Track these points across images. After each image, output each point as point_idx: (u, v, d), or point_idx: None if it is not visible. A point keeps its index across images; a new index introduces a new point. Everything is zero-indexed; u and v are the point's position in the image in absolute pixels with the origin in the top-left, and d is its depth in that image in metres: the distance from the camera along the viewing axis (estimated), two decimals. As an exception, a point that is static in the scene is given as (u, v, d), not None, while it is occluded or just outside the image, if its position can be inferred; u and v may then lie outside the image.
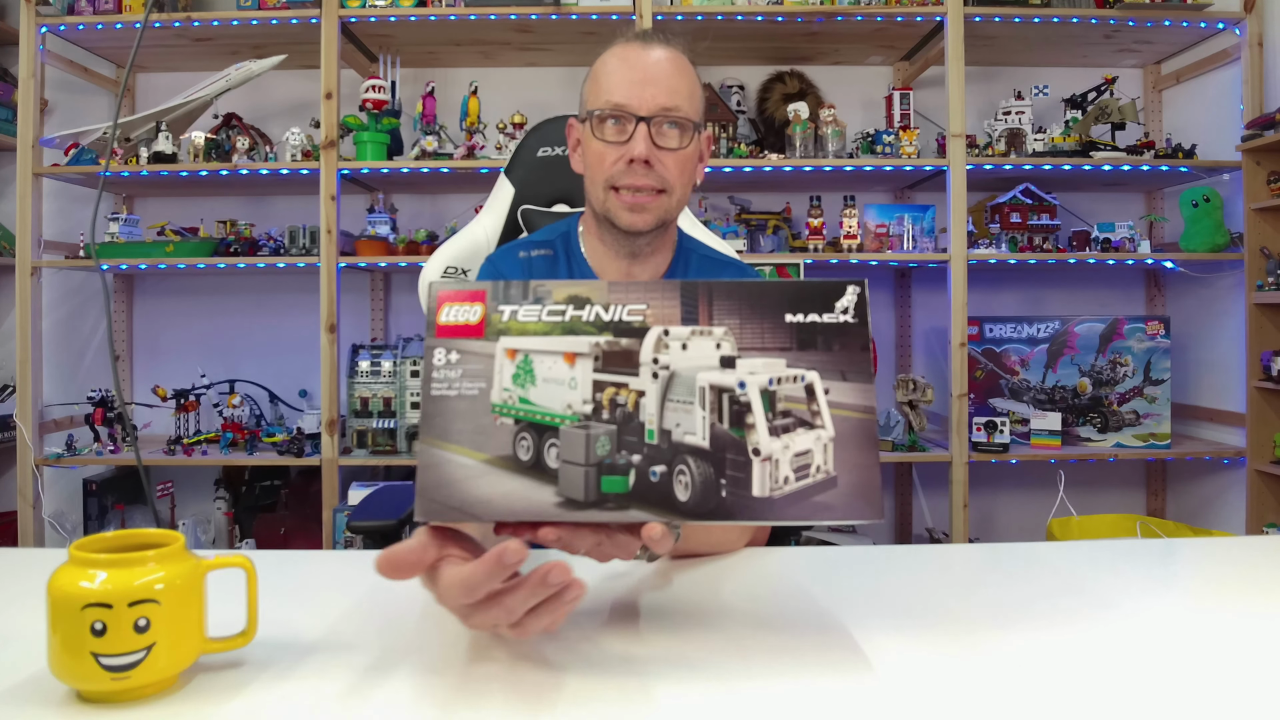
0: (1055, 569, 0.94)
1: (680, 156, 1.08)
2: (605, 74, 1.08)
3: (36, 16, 2.63)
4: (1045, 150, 2.74)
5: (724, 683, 0.63)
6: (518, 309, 0.67)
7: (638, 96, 1.05)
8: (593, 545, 0.64)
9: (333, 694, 0.62)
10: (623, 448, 0.64)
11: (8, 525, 2.72)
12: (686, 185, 1.11)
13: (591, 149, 1.09)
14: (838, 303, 0.67)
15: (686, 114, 1.07)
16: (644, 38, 1.09)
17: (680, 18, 2.64)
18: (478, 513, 0.63)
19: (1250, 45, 2.66)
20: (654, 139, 1.05)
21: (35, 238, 2.65)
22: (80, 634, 0.57)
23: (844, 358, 0.66)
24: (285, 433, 2.78)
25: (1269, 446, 2.56)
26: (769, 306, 0.66)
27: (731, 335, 0.65)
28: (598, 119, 1.07)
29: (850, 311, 0.67)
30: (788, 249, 2.82)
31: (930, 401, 2.73)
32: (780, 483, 0.63)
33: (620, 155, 1.06)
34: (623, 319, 0.66)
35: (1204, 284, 2.93)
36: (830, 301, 0.67)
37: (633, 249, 1.13)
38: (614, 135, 1.07)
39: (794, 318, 0.66)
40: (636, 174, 1.06)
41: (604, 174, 1.08)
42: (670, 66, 1.07)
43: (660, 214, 1.09)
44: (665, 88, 1.05)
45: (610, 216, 1.10)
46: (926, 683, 0.63)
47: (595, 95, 1.08)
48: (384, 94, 2.69)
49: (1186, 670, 0.66)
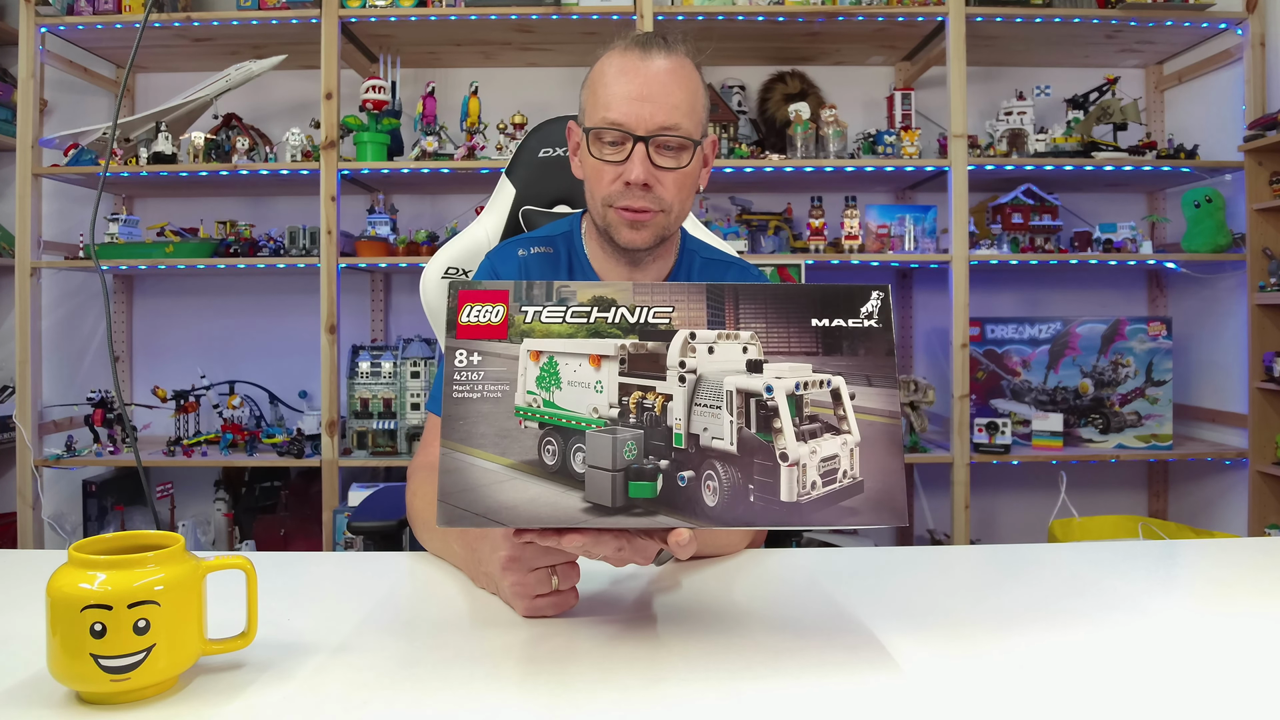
0: (1057, 570, 0.94)
1: (679, 175, 1.05)
2: (604, 85, 1.04)
3: (36, 16, 2.62)
4: (1047, 151, 2.73)
5: (748, 683, 0.63)
6: (541, 309, 0.66)
7: (635, 115, 1.01)
8: (613, 551, 0.64)
9: (333, 695, 0.61)
10: (649, 452, 0.63)
11: (7, 526, 2.71)
12: (686, 201, 1.09)
13: (589, 164, 1.07)
14: (863, 307, 0.66)
15: (686, 131, 1.03)
16: (645, 44, 1.04)
17: (681, 18, 2.64)
18: (502, 519, 0.62)
19: (1252, 45, 2.65)
20: (652, 158, 1.03)
21: (35, 238, 2.64)
22: (80, 635, 0.57)
23: (869, 362, 0.66)
24: (285, 434, 2.77)
25: (1271, 447, 2.56)
26: (795, 310, 0.66)
27: (758, 339, 0.65)
28: (594, 136, 1.05)
29: (875, 316, 0.66)
30: (789, 250, 2.82)
31: (932, 402, 2.73)
32: (808, 488, 0.62)
33: (617, 175, 1.04)
34: (648, 321, 0.65)
35: (1206, 285, 2.93)
36: (856, 306, 0.66)
37: (633, 257, 1.13)
38: (611, 155, 1.04)
39: (820, 322, 0.66)
40: (634, 195, 1.04)
41: (601, 192, 1.07)
42: (670, 79, 1.03)
43: (659, 231, 1.08)
44: (665, 104, 1.01)
45: (609, 231, 1.09)
46: (928, 683, 0.63)
47: (593, 108, 1.05)
48: (384, 94, 2.69)
49: (1189, 671, 0.66)
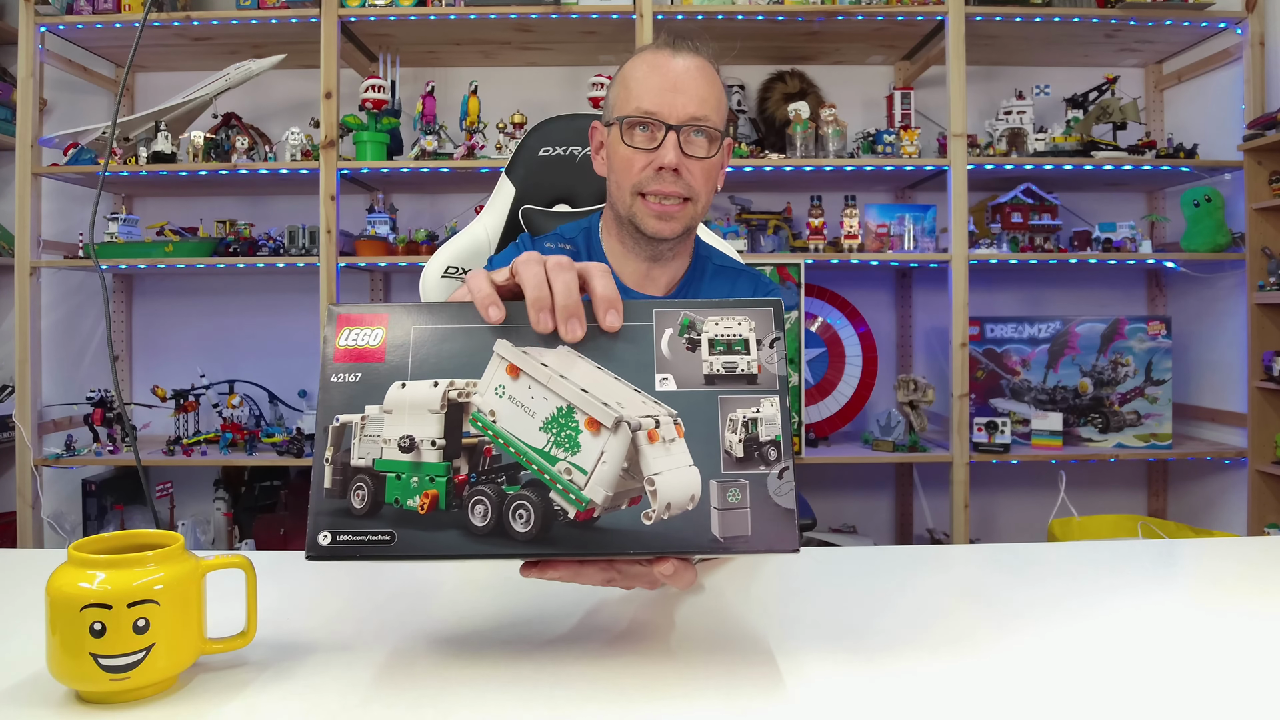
0: (1056, 570, 0.94)
1: (707, 165, 1.09)
2: (635, 80, 1.09)
3: (35, 16, 2.62)
4: (1046, 150, 2.73)
5: (748, 684, 0.63)
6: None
7: (668, 104, 1.06)
8: (604, 581, 0.65)
9: (332, 695, 0.61)
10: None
11: (7, 526, 2.71)
12: (710, 193, 1.13)
13: (619, 154, 1.10)
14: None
15: (714, 123, 1.08)
16: (673, 45, 1.10)
17: (681, 17, 2.64)
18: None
19: (1252, 45, 2.66)
20: (682, 147, 1.07)
21: (34, 238, 2.64)
22: (79, 635, 0.57)
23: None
24: (285, 433, 2.77)
25: (1270, 447, 2.56)
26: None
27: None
28: (627, 125, 1.08)
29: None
30: (788, 249, 2.82)
31: (931, 402, 2.74)
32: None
33: (649, 162, 1.07)
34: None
35: (1205, 284, 2.93)
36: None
37: (654, 253, 1.15)
38: (643, 142, 1.08)
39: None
40: (664, 181, 1.07)
41: (631, 180, 1.09)
42: (699, 75, 1.08)
43: (686, 221, 1.11)
44: (695, 96, 1.06)
45: (636, 222, 1.11)
46: (928, 683, 0.63)
47: (625, 101, 1.09)
48: (384, 94, 2.69)
49: (1188, 671, 0.66)
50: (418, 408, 0.64)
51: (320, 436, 0.64)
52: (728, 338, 0.65)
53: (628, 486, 0.62)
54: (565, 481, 0.62)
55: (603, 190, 1.30)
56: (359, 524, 0.62)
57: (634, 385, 0.64)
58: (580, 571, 0.63)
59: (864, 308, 2.94)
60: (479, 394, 0.64)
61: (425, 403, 0.64)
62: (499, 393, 0.64)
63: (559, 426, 0.63)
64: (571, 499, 0.62)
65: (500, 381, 0.64)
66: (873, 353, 2.90)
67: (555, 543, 0.61)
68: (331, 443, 0.64)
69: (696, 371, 0.65)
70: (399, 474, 0.63)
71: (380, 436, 0.64)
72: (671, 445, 0.63)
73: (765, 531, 0.61)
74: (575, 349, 0.65)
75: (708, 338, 0.65)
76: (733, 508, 0.62)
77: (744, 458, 0.63)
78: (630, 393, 0.64)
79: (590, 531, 0.61)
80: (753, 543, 0.61)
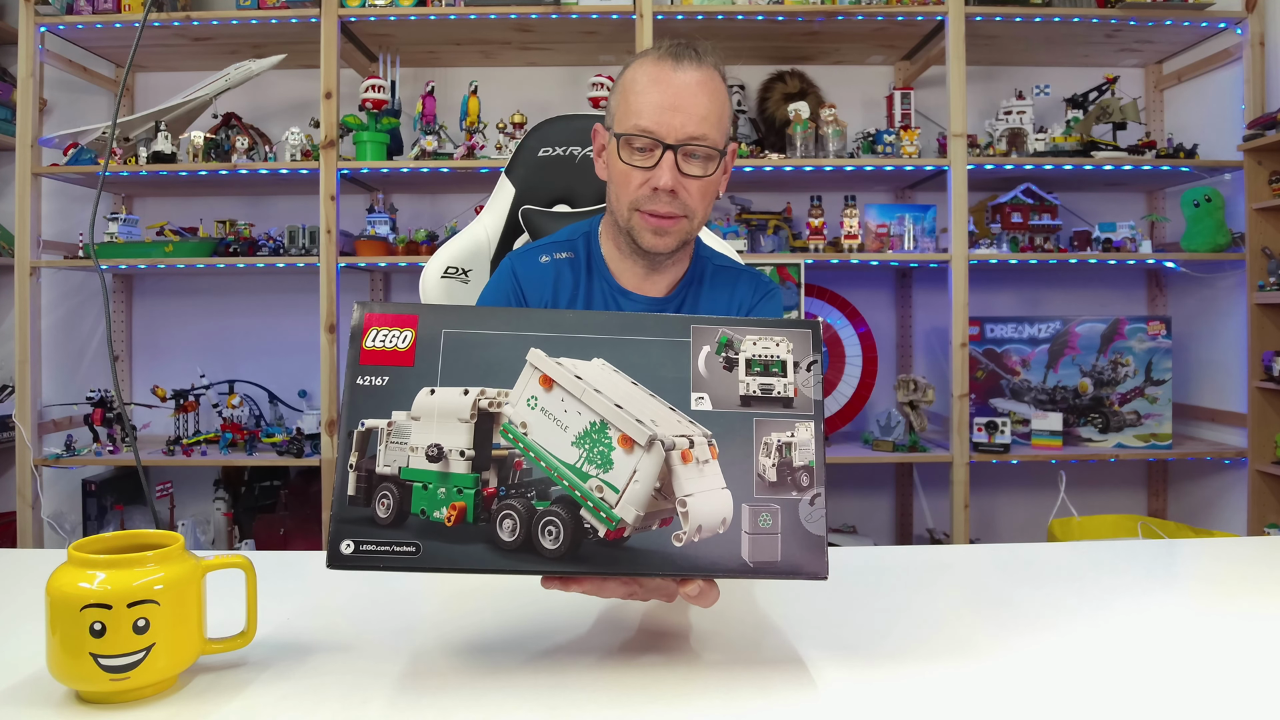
0: (1057, 569, 0.94)
1: (704, 184, 1.08)
2: (635, 93, 1.07)
3: (36, 16, 2.62)
4: (1046, 150, 2.73)
5: (750, 684, 0.63)
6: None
7: (666, 124, 1.04)
8: (626, 595, 0.65)
9: (332, 695, 0.61)
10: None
11: (7, 526, 2.71)
12: (708, 208, 1.13)
13: (617, 168, 1.10)
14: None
15: (713, 142, 1.06)
16: (676, 54, 1.07)
17: (680, 17, 2.64)
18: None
19: (1252, 45, 2.65)
20: (679, 166, 1.06)
21: (34, 238, 2.64)
22: (79, 635, 0.57)
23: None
24: (285, 433, 2.77)
25: (1270, 447, 2.56)
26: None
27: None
28: (624, 142, 1.08)
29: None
30: (788, 249, 2.82)
31: (931, 402, 2.73)
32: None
33: (645, 180, 1.07)
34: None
35: (1205, 284, 2.93)
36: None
37: (652, 262, 1.15)
38: (640, 160, 1.07)
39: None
40: (660, 200, 1.07)
41: (629, 196, 1.09)
42: (700, 90, 1.05)
43: (681, 236, 1.11)
44: (694, 115, 1.04)
45: (633, 235, 1.11)
46: (928, 682, 0.63)
47: (624, 115, 1.08)
48: (384, 94, 2.69)
49: (1188, 670, 0.66)
50: (447, 416, 0.62)
51: (344, 441, 0.61)
52: (765, 359, 0.64)
53: (659, 507, 0.61)
54: (596, 499, 0.61)
55: (602, 191, 1.30)
56: (383, 534, 0.60)
57: (669, 403, 0.62)
58: (603, 585, 0.63)
59: (864, 308, 2.94)
60: (510, 404, 0.62)
61: (455, 411, 0.62)
62: (531, 404, 0.62)
63: (592, 442, 0.62)
64: (602, 517, 0.60)
65: (533, 392, 0.63)
66: (873, 353, 2.90)
67: (584, 561, 0.60)
68: (356, 448, 0.61)
69: (733, 392, 0.63)
70: (426, 484, 0.61)
71: (407, 444, 0.62)
72: (705, 467, 0.61)
73: (795, 557, 0.60)
74: (611, 363, 0.63)
75: (745, 357, 0.64)
76: (763, 533, 0.60)
77: (776, 482, 0.61)
78: (665, 411, 0.62)
79: (620, 550, 0.60)
80: (781, 568, 0.60)
